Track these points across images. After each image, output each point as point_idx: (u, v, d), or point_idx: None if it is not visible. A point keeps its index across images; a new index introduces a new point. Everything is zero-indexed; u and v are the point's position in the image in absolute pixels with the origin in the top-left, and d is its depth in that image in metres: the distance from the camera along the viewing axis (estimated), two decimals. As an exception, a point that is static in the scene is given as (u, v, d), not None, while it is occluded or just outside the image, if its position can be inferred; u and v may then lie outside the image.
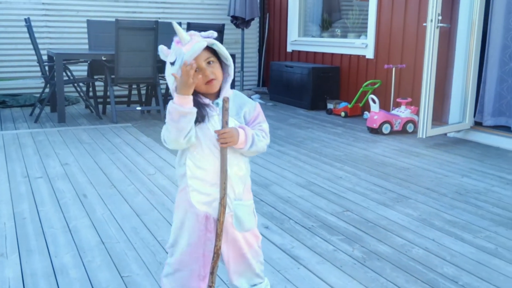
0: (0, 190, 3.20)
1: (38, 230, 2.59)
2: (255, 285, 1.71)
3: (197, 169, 1.57)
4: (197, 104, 1.53)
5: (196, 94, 1.54)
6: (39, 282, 2.06)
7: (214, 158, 1.55)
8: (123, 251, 2.36)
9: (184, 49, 1.48)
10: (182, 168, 1.59)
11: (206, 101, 1.57)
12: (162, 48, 1.55)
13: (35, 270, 2.16)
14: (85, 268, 2.19)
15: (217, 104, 1.57)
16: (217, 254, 1.58)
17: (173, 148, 1.55)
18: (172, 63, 1.51)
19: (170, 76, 1.51)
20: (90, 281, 2.07)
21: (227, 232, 1.62)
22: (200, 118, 1.53)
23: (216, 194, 1.56)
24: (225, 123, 1.52)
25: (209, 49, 1.53)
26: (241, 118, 1.59)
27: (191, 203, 1.59)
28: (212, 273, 1.62)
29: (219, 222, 1.56)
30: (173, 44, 1.52)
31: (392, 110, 5.39)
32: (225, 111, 1.51)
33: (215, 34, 1.55)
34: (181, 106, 1.47)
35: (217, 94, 1.59)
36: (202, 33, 1.53)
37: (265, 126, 1.63)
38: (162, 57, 1.56)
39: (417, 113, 5.03)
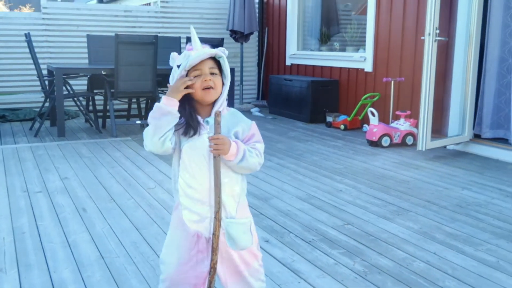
0: (-1, 205, 3.19)
1: (37, 245, 2.57)
2: None
3: (188, 187, 1.57)
4: (190, 116, 1.55)
5: (191, 107, 1.57)
6: (38, 297, 2.04)
7: (204, 177, 1.55)
8: (123, 265, 2.34)
9: (193, 53, 1.53)
10: (175, 186, 1.61)
11: (198, 118, 1.57)
12: (173, 55, 1.57)
13: (34, 285, 2.15)
14: (84, 283, 2.17)
15: (207, 122, 1.57)
16: (214, 269, 1.57)
17: (150, 150, 1.55)
18: (179, 66, 1.55)
19: (175, 78, 1.55)
20: (89, 296, 2.06)
21: (221, 251, 1.59)
22: (192, 131, 1.54)
23: (207, 213, 1.57)
24: (217, 134, 1.51)
25: (216, 62, 1.57)
26: (232, 137, 1.57)
27: (183, 221, 1.59)
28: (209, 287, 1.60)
29: (215, 236, 1.54)
30: (185, 50, 1.56)
31: (392, 123, 5.40)
32: (217, 124, 1.51)
33: (226, 52, 1.59)
34: (165, 105, 1.51)
35: (210, 112, 1.59)
36: (217, 49, 1.58)
37: (260, 145, 1.61)
38: (171, 63, 1.57)
39: (417, 126, 5.04)
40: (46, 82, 5.76)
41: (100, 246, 2.57)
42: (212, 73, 1.55)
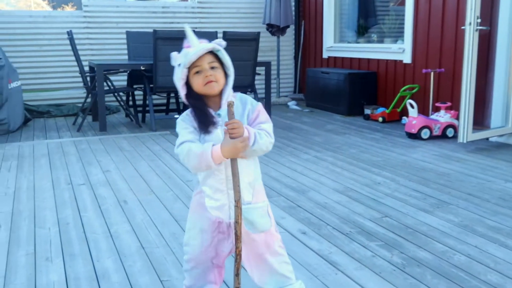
0: (45, 197, 3.30)
1: (81, 235, 2.65)
2: (284, 285, 1.72)
3: (207, 177, 1.63)
4: (204, 114, 1.59)
5: (202, 103, 1.60)
6: (82, 285, 2.11)
7: (220, 166, 1.59)
8: (162, 255, 2.39)
9: (191, 50, 1.55)
10: (196, 176, 1.68)
11: (209, 112, 1.60)
12: (173, 55, 1.61)
13: (78, 274, 2.22)
14: (126, 272, 2.23)
15: (219, 115, 1.60)
16: (239, 256, 1.60)
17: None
18: (179, 65, 1.57)
19: (179, 80, 1.58)
20: (131, 285, 2.11)
21: (242, 236, 1.62)
22: (206, 130, 1.58)
23: (225, 200, 1.62)
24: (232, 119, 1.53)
25: (215, 56, 1.59)
26: (245, 121, 1.62)
27: (205, 206, 1.65)
28: (237, 274, 1.63)
29: (238, 224, 1.56)
30: (183, 48, 1.59)
31: (431, 114, 5.29)
32: (231, 114, 1.52)
33: (223, 43, 1.61)
34: (213, 162, 1.52)
35: (219, 104, 1.62)
36: (213, 41, 1.60)
37: (267, 125, 1.63)
38: (173, 62, 1.61)
39: (457, 118, 4.92)
40: (88, 78, 5.92)
41: (140, 236, 2.63)
42: (212, 67, 1.57)
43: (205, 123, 1.58)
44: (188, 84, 1.60)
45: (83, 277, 2.19)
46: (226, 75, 1.62)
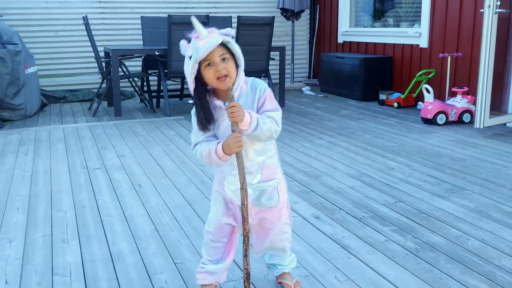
0: (61, 181, 3.35)
1: (97, 218, 2.69)
2: (277, 256, 1.88)
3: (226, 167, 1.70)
4: (208, 108, 1.62)
5: (210, 96, 1.63)
6: (98, 267, 2.15)
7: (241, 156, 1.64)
8: (176, 238, 2.42)
9: (200, 44, 1.53)
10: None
11: (217, 103, 1.62)
12: (182, 43, 1.61)
13: (94, 256, 2.26)
14: (140, 254, 2.26)
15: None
16: (247, 237, 1.69)
17: None
18: (190, 57, 1.56)
19: (189, 70, 1.57)
20: (145, 267, 2.14)
21: (251, 211, 1.73)
22: (212, 121, 1.63)
23: (238, 184, 1.66)
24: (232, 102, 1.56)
25: (225, 47, 1.57)
26: (254, 109, 1.64)
27: (223, 186, 1.74)
28: (245, 255, 1.72)
29: (244, 206, 1.64)
30: (192, 39, 1.57)
31: (448, 100, 5.23)
32: (230, 98, 1.55)
33: (232, 32, 1.60)
34: (220, 160, 1.62)
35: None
36: (221, 30, 1.58)
37: (274, 113, 1.63)
38: (182, 51, 1.60)
39: (474, 103, 4.86)
40: (103, 64, 5.95)
41: (155, 220, 2.66)
42: (223, 59, 1.56)
43: (205, 120, 1.62)
44: (198, 78, 1.59)
45: (98, 259, 2.22)
46: (237, 65, 1.61)
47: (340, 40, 7.66)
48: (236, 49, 1.59)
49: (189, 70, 1.57)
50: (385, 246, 2.32)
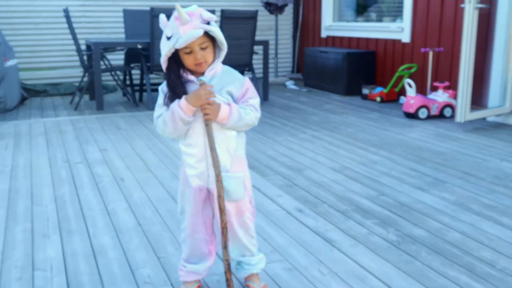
0: (42, 175, 3.30)
1: (78, 213, 2.66)
2: (244, 256, 1.83)
3: (187, 146, 1.68)
4: (181, 81, 1.62)
5: (182, 70, 1.63)
6: (79, 261, 2.13)
7: (201, 135, 1.64)
8: (159, 232, 2.41)
9: (181, 31, 1.52)
10: (177, 144, 1.74)
11: (191, 77, 1.63)
12: (162, 17, 1.59)
13: (76, 250, 2.23)
14: (123, 249, 2.24)
15: (200, 80, 1.62)
16: (225, 229, 1.69)
17: (164, 136, 1.69)
18: (168, 38, 1.56)
19: (165, 50, 1.57)
20: (128, 261, 2.13)
21: (215, 202, 1.70)
22: (182, 95, 1.61)
23: (204, 167, 1.67)
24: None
25: (206, 35, 1.57)
26: (224, 95, 1.63)
27: (187, 177, 1.71)
28: (225, 247, 1.71)
29: (220, 198, 1.64)
30: (172, 18, 1.56)
31: (429, 94, 5.28)
32: (202, 84, 1.59)
33: (214, 17, 1.59)
34: (185, 114, 1.58)
35: (202, 74, 1.65)
36: (203, 15, 1.56)
37: (255, 101, 1.67)
38: (161, 26, 1.59)
39: (455, 97, 4.91)
40: (85, 57, 5.88)
41: (137, 214, 2.64)
42: (202, 48, 1.57)
43: (176, 95, 1.61)
44: (171, 57, 1.59)
45: (80, 253, 2.20)
46: (215, 47, 1.62)
47: (324, 34, 7.68)
48: (219, 35, 1.58)
49: (165, 51, 1.57)
50: (367, 238, 2.34)
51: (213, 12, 6.28)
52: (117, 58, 6.78)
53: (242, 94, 1.66)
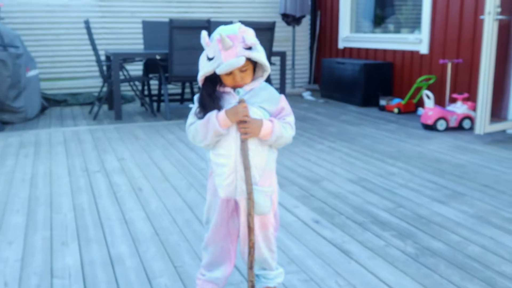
0: (61, 183, 3.34)
1: (96, 221, 2.69)
2: (263, 269, 1.82)
3: (217, 155, 1.66)
4: (213, 99, 1.62)
5: (219, 85, 1.64)
6: (97, 270, 2.14)
7: (233, 146, 1.63)
8: (176, 242, 2.42)
9: (223, 56, 1.54)
10: (208, 154, 1.71)
11: (227, 89, 1.64)
12: (204, 35, 1.60)
13: (94, 258, 2.25)
14: (140, 258, 2.26)
15: (238, 92, 1.63)
16: (252, 248, 1.66)
17: (193, 143, 1.69)
18: (210, 59, 1.58)
19: (204, 70, 1.59)
20: (145, 270, 2.14)
21: (241, 215, 1.70)
22: (218, 108, 1.61)
23: (233, 178, 1.65)
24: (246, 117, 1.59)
25: (248, 59, 1.58)
26: (258, 110, 1.64)
27: (216, 187, 1.70)
28: (251, 268, 1.69)
29: (250, 216, 1.63)
30: (215, 40, 1.57)
31: (448, 106, 5.23)
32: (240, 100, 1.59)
33: (256, 42, 1.59)
34: (220, 126, 1.58)
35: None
36: (246, 38, 1.57)
37: (290, 119, 1.69)
38: (202, 42, 1.61)
39: (474, 109, 4.86)
40: (104, 68, 5.96)
41: (154, 223, 2.66)
42: (242, 71, 1.59)
43: (218, 103, 1.61)
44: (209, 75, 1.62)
45: (98, 261, 2.22)
46: (260, 67, 1.65)
47: (341, 45, 7.68)
48: (260, 59, 1.59)
49: (204, 70, 1.59)
50: (385, 251, 2.31)
51: (230, 23, 6.34)
52: (135, 69, 6.86)
53: (278, 111, 1.67)
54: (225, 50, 1.54)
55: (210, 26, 5.44)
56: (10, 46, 5.33)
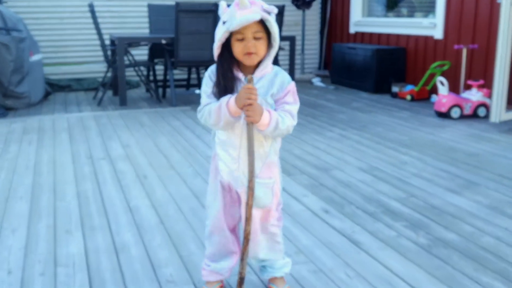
0: (65, 171, 3.35)
1: (101, 209, 2.70)
2: (267, 260, 1.81)
3: (222, 142, 1.66)
4: (229, 78, 1.59)
5: (233, 65, 1.60)
6: (102, 258, 2.15)
7: (240, 132, 1.62)
8: (182, 231, 2.42)
9: (238, 15, 1.49)
10: (213, 137, 1.71)
11: (239, 75, 1.61)
12: (222, 4, 1.58)
13: (98, 247, 2.26)
14: (145, 246, 2.26)
15: (247, 80, 1.58)
16: (246, 240, 1.62)
17: (206, 125, 1.67)
18: (224, 23, 1.54)
19: (219, 36, 1.55)
20: (150, 259, 2.15)
21: (242, 207, 1.70)
22: (229, 91, 1.59)
23: (236, 167, 1.65)
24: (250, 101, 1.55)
25: (262, 24, 1.54)
26: (269, 99, 1.61)
27: (218, 170, 1.69)
28: (242, 259, 1.66)
29: (248, 206, 1.59)
30: (232, 4, 1.54)
31: (463, 93, 5.18)
32: (250, 82, 1.55)
33: (275, 10, 1.56)
34: (230, 114, 1.56)
35: (253, 71, 1.62)
36: (264, 5, 1.54)
37: (293, 107, 1.63)
38: (220, 12, 1.58)
39: (490, 96, 4.81)
40: (109, 52, 5.95)
41: (160, 211, 2.66)
42: (256, 38, 1.54)
43: (224, 88, 1.59)
44: (225, 45, 1.57)
45: (102, 250, 2.23)
46: (270, 44, 1.60)
47: (352, 30, 7.61)
48: (274, 29, 1.55)
49: (219, 36, 1.55)
50: (396, 241, 2.30)
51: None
52: (141, 53, 6.84)
53: (282, 96, 1.62)
54: (242, 9, 1.50)
55: (217, 9, 5.40)
56: (13, 29, 5.33)
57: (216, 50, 1.59)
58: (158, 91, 6.12)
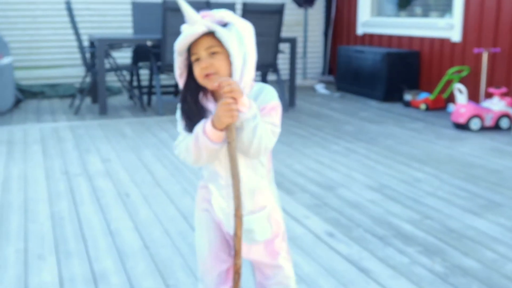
0: (37, 188, 3.36)
1: (77, 232, 2.70)
2: None
3: (210, 180, 1.58)
4: (198, 107, 1.51)
5: (201, 93, 1.52)
6: (78, 287, 2.15)
7: (222, 170, 1.53)
8: (169, 257, 2.42)
9: (182, 32, 1.44)
10: (201, 170, 1.63)
11: (210, 106, 1.51)
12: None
13: (74, 275, 2.26)
14: (127, 274, 2.26)
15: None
16: (237, 274, 1.55)
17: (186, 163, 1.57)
18: None
19: (176, 68, 1.49)
20: (132, 288, 2.15)
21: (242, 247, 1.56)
22: (205, 116, 1.50)
23: (225, 206, 1.56)
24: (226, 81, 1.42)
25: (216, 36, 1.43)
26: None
27: (211, 203, 1.60)
28: None
29: (236, 237, 1.49)
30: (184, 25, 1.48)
31: (483, 102, 5.23)
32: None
33: (226, 18, 1.46)
34: (211, 142, 1.43)
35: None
36: (218, 14, 1.45)
37: (275, 126, 1.49)
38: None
39: (514, 106, 4.86)
40: (88, 55, 5.98)
41: (144, 235, 2.67)
42: (212, 53, 1.43)
43: (188, 125, 1.51)
44: (190, 72, 1.50)
45: (79, 278, 2.23)
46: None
47: (360, 31, 7.68)
48: (226, 38, 1.41)
49: (175, 65, 1.49)
50: (409, 269, 2.32)
51: (233, 6, 6.35)
52: (123, 56, 6.88)
53: (261, 109, 1.48)
54: (191, 25, 1.43)
55: (209, 8, 5.45)
56: (-20, 29, 5.35)
57: (179, 79, 1.52)
58: (142, 98, 6.15)
